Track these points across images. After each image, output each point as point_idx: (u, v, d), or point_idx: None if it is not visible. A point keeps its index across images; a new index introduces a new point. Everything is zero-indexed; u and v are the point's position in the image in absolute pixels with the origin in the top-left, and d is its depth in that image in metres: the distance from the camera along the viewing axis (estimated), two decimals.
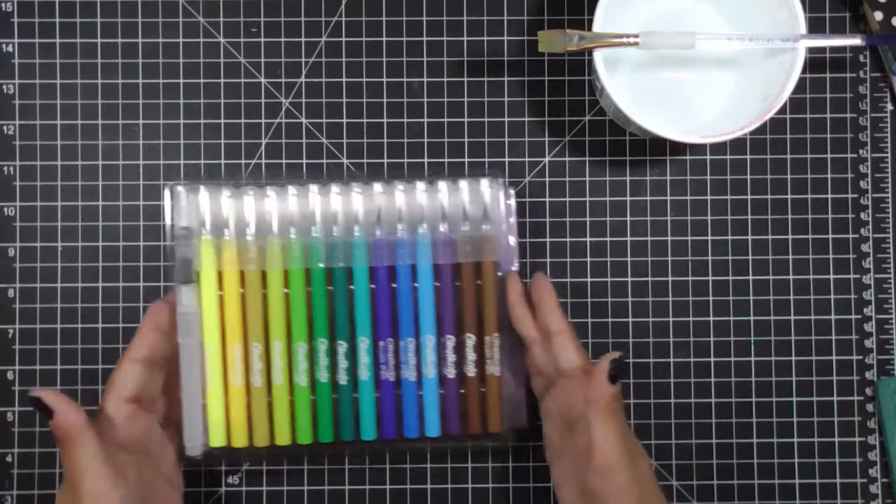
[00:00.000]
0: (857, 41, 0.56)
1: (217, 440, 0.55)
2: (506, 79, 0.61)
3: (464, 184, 0.57)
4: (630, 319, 0.61)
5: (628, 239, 0.61)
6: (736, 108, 0.57)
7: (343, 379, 0.56)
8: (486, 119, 0.61)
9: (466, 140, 0.61)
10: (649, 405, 0.60)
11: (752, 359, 0.60)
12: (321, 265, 0.56)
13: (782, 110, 0.56)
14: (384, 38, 0.61)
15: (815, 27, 0.61)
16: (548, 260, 0.60)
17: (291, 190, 0.56)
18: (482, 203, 0.57)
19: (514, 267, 0.58)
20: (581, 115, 0.61)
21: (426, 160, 0.60)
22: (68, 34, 0.60)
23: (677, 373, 0.60)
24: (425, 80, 0.61)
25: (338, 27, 0.61)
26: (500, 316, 0.56)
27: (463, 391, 0.57)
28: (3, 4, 0.60)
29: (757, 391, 0.60)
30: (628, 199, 0.61)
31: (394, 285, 0.56)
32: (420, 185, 0.57)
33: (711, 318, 0.61)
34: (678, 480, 0.60)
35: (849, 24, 0.61)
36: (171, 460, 0.54)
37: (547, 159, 0.61)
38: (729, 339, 0.61)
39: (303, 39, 0.61)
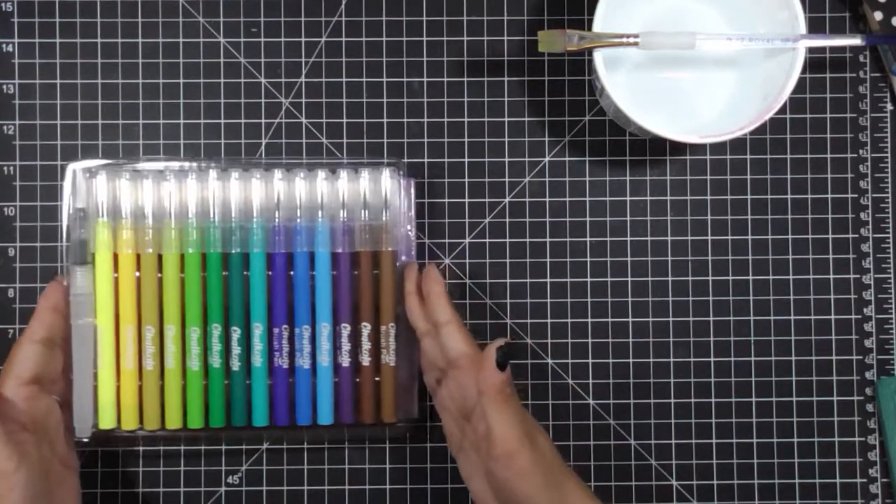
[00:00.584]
0: (857, 41, 0.56)
1: (106, 422, 0.55)
2: (506, 79, 0.61)
3: (364, 173, 0.57)
4: (630, 319, 0.61)
5: (628, 239, 0.61)
6: (736, 108, 0.57)
7: (236, 365, 0.56)
8: (486, 119, 0.61)
9: (466, 140, 0.61)
10: (649, 405, 0.60)
11: (752, 359, 0.60)
12: (217, 250, 0.56)
13: (782, 110, 0.56)
14: (384, 38, 0.61)
15: (815, 27, 0.61)
16: (548, 260, 0.60)
17: (191, 175, 0.56)
18: (382, 192, 0.57)
19: (414, 258, 0.58)
20: (581, 115, 0.61)
21: (426, 160, 0.60)
22: (68, 34, 0.60)
23: (677, 373, 0.60)
24: (425, 80, 0.61)
25: (338, 27, 0.61)
26: (397, 306, 0.57)
27: (357, 380, 0.57)
28: (3, 4, 0.60)
29: (757, 391, 0.60)
30: (628, 199, 0.61)
31: (291, 273, 0.57)
32: (321, 174, 0.57)
33: (711, 318, 0.61)
34: (678, 480, 0.60)
35: (849, 24, 0.61)
36: (66, 441, 0.54)
37: (547, 159, 0.61)
38: (729, 339, 0.61)
39: (303, 39, 0.61)
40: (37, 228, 0.60)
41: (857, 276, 0.61)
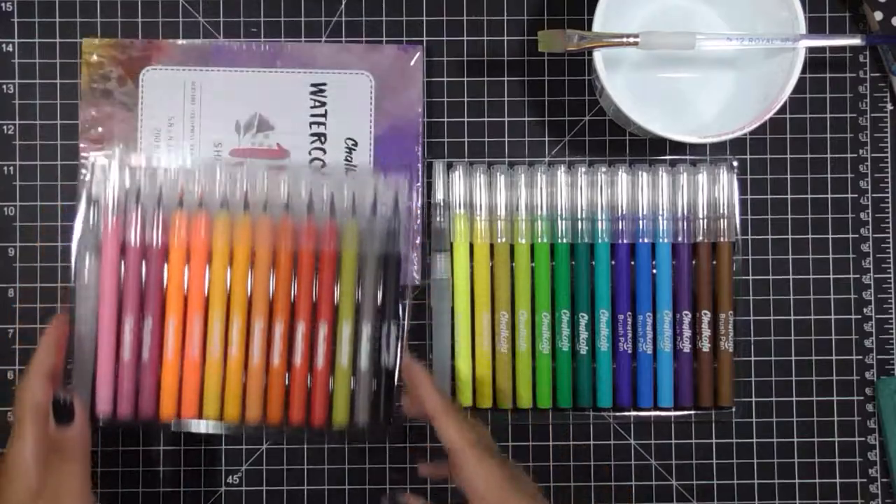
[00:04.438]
0: (857, 41, 0.56)
1: (466, 400, 0.58)
2: (506, 79, 0.61)
3: (703, 170, 0.58)
4: None
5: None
6: (736, 108, 0.57)
7: (583, 349, 0.58)
8: (486, 119, 0.61)
9: (466, 140, 0.61)
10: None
11: (752, 359, 0.60)
12: (566, 241, 0.57)
13: (782, 110, 0.56)
14: (384, 39, 0.61)
15: (815, 27, 0.61)
16: None
17: (540, 171, 0.58)
18: (720, 188, 0.59)
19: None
20: (581, 115, 0.61)
21: (426, 160, 0.60)
22: (68, 34, 0.60)
23: None
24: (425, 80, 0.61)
25: (338, 27, 0.61)
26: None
27: (695, 366, 0.59)
28: (3, 4, 0.60)
29: (757, 391, 0.60)
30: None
31: (632, 262, 0.59)
32: (662, 171, 0.58)
33: None
34: (678, 480, 0.60)
35: (849, 24, 0.61)
36: None
37: (547, 159, 0.61)
38: None
39: (303, 40, 0.61)
40: (37, 228, 0.60)
41: (857, 276, 0.61)
